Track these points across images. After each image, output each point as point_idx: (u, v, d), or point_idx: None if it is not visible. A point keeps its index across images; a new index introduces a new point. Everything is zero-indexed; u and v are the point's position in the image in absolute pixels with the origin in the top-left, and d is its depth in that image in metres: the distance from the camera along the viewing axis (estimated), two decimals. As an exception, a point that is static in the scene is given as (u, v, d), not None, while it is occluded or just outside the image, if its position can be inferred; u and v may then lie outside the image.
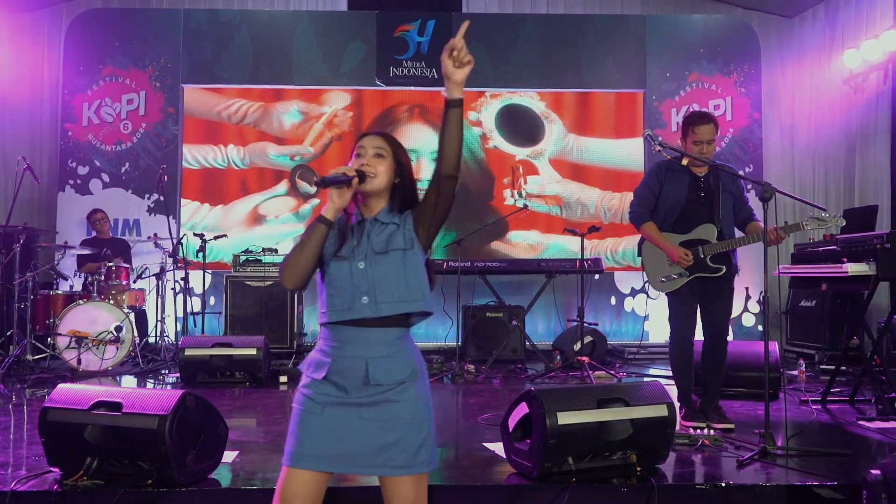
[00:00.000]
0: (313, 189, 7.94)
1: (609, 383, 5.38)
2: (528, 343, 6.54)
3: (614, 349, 7.21)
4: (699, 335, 4.04)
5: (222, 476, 2.89)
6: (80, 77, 7.94)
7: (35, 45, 8.13)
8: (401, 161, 2.11)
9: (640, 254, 4.17)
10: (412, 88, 7.99)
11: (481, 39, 7.97)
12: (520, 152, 8.04)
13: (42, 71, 8.17)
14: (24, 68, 8.00)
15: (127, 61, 7.97)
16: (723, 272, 3.90)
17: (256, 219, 7.97)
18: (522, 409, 2.96)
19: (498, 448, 3.27)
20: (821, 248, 5.29)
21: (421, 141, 7.98)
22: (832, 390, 4.73)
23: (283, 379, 5.49)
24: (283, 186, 7.99)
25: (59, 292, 6.33)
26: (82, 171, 7.89)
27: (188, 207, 7.95)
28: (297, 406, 2.01)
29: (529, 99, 8.08)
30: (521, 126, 8.07)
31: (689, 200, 3.95)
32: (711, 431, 3.60)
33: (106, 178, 7.89)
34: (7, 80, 7.81)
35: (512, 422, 3.02)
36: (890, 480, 2.49)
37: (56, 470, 2.78)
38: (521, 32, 8.05)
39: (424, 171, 7.92)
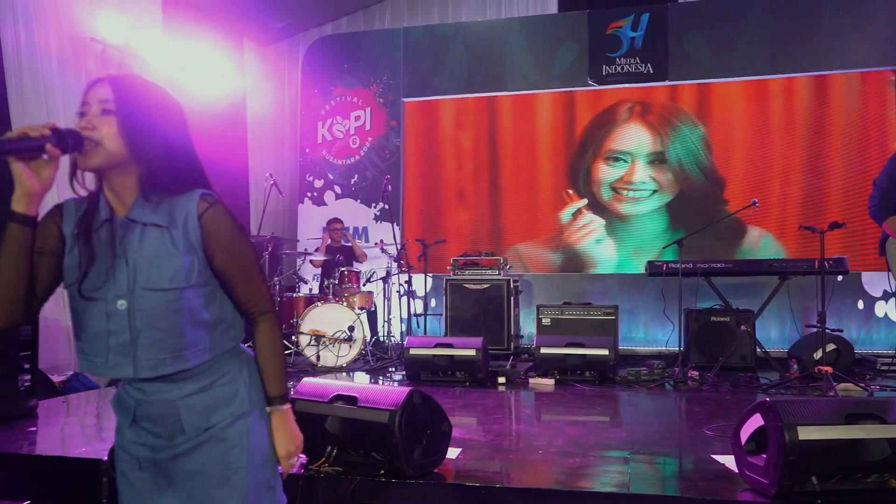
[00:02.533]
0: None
1: (859, 397, 4.81)
2: (759, 350, 6.06)
3: (863, 359, 6.44)
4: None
5: (447, 471, 3.00)
6: (315, 99, 8.73)
7: (277, 74, 9.08)
8: (140, 116, 1.42)
9: (883, 252, 3.68)
10: (626, 86, 7.78)
11: (701, 30, 7.56)
12: (746, 145, 7.48)
13: (283, 96, 9.11)
14: (269, 95, 8.97)
15: (354, 81, 8.62)
16: None
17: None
18: (756, 421, 2.74)
19: (728, 461, 3.05)
20: None
21: (635, 142, 7.73)
22: None
23: (502, 380, 5.58)
24: (497, 191, 8.15)
25: (301, 295, 6.98)
26: (318, 184, 8.67)
27: (411, 214, 8.40)
28: (117, 462, 1.57)
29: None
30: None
31: None
32: None
33: (338, 189, 8.59)
34: (257, 106, 8.79)
35: (744, 434, 2.81)
36: None
37: (302, 456, 3.06)
38: (746, 17, 7.50)
39: (638, 174, 7.67)
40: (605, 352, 5.57)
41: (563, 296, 7.54)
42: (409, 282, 7.07)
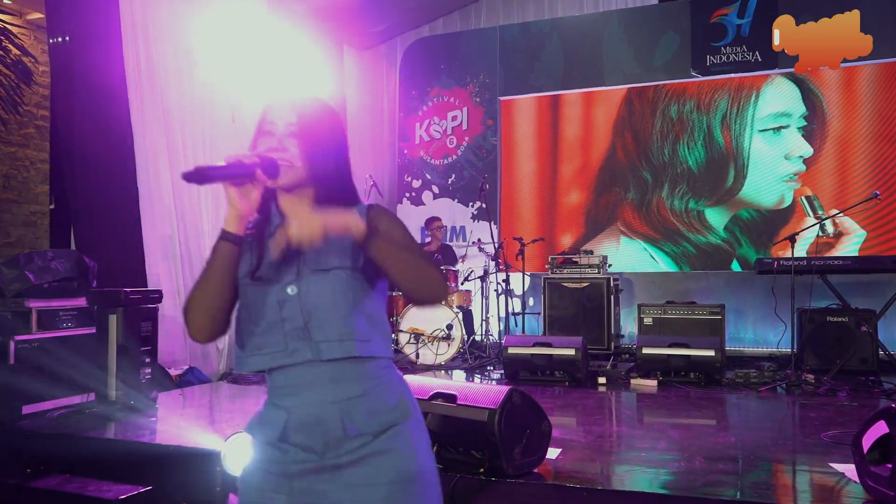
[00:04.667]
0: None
1: None
2: (882, 352, 5.67)
3: None
4: None
5: (547, 472, 2.97)
6: (413, 100, 8.85)
7: (376, 77, 9.26)
8: (321, 139, 1.50)
9: None
10: (733, 76, 7.46)
11: (813, 14, 7.16)
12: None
13: (382, 98, 9.29)
14: (367, 97, 9.16)
15: (451, 81, 8.69)
16: None
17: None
18: (880, 428, 2.57)
19: (848, 470, 2.88)
20: None
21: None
22: None
23: (602, 380, 5.48)
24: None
25: (399, 294, 7.09)
26: (416, 184, 8.79)
27: (508, 212, 8.39)
28: (246, 491, 1.48)
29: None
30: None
31: None
32: None
33: (435, 189, 8.68)
34: (356, 109, 9.01)
35: (866, 442, 2.63)
36: None
37: (403, 452, 3.10)
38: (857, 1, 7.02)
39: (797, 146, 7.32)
40: (710, 352, 5.37)
41: (666, 294, 7.32)
42: (506, 280, 7.05)
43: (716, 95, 7.54)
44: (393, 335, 6.65)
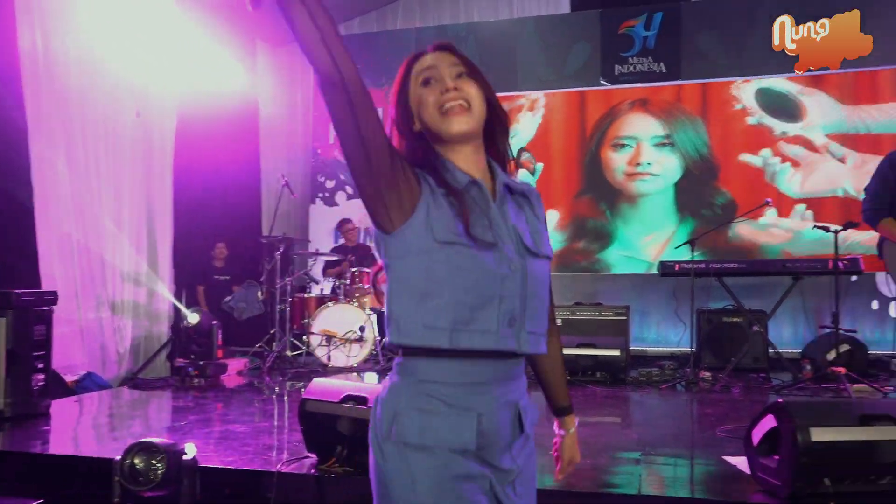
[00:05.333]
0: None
1: (873, 398, 4.77)
2: (771, 351, 6.02)
3: (878, 360, 6.38)
4: None
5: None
6: (327, 99, 8.74)
7: (291, 75, 9.10)
8: (487, 84, 1.35)
9: (882, 255, 3.82)
10: (638, 85, 7.75)
11: (713, 28, 7.53)
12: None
13: (296, 97, 9.13)
14: (282, 96, 9.00)
15: (367, 82, 8.36)
16: None
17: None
18: (769, 422, 2.72)
19: (741, 463, 3.04)
20: None
21: (639, 129, 7.75)
22: None
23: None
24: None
25: (312, 295, 6.99)
26: (329, 184, 8.69)
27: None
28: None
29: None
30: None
31: None
32: None
33: (349, 190, 8.60)
34: (270, 107, 8.83)
35: (756, 435, 2.79)
36: None
37: (313, 455, 3.06)
38: (757, 17, 7.43)
39: (644, 156, 7.67)
40: (616, 352, 5.56)
41: (575, 296, 7.50)
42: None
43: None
44: (304, 337, 6.56)
